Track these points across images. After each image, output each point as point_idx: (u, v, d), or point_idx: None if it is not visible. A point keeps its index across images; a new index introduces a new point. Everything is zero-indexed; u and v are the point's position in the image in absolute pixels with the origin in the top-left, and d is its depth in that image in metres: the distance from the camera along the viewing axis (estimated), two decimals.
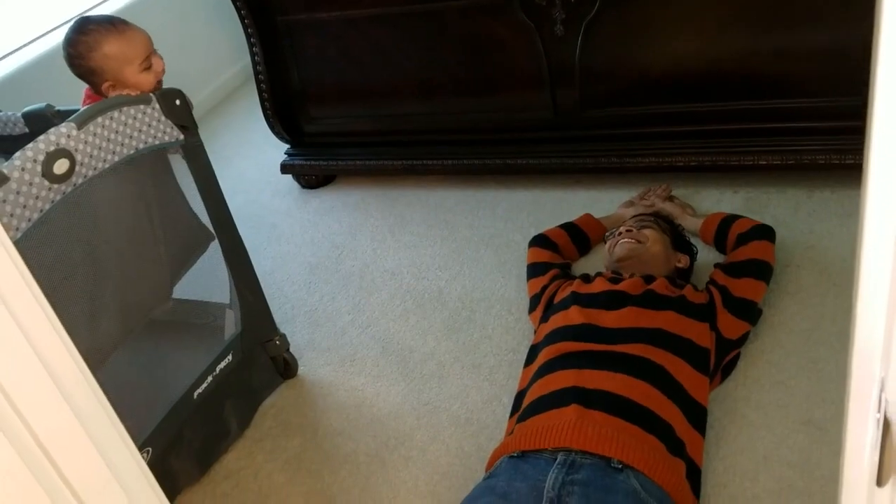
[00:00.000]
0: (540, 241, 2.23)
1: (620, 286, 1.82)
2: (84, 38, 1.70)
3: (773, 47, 2.20)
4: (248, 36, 2.67)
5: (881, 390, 0.52)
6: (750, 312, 1.84)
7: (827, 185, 2.31)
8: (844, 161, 2.19)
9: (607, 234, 2.11)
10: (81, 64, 1.71)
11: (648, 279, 1.84)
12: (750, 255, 1.94)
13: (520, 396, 1.72)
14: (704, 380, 1.66)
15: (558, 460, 1.37)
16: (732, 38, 2.24)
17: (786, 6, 2.14)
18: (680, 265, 1.98)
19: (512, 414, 1.73)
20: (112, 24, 1.72)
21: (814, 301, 1.96)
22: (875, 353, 0.52)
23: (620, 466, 1.35)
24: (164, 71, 1.76)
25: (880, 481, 0.54)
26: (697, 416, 1.59)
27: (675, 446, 1.47)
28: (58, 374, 0.92)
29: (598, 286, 1.85)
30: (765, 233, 2.00)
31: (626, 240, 1.98)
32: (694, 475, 1.51)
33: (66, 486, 0.93)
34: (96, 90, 1.76)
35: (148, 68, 1.73)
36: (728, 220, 2.10)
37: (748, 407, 1.74)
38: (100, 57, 1.69)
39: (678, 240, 2.04)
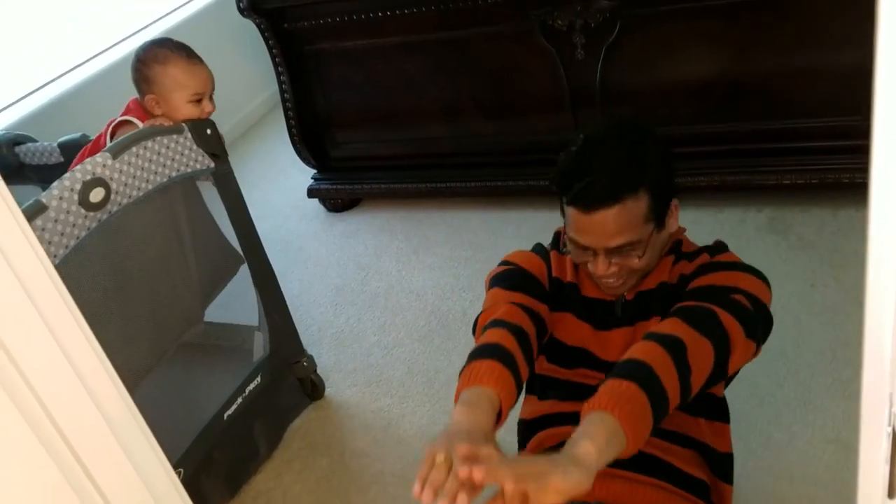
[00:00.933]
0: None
1: (608, 354, 1.33)
2: (157, 49, 1.80)
3: (794, 66, 2.21)
4: (275, 65, 2.74)
5: (891, 405, 0.54)
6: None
7: (852, 203, 2.30)
8: (868, 180, 2.18)
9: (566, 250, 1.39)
10: (141, 69, 1.79)
11: (644, 300, 1.32)
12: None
13: (525, 426, 1.48)
14: (725, 428, 1.42)
15: None
16: (753, 58, 2.26)
17: (806, 25, 2.16)
18: (673, 227, 1.31)
19: (521, 446, 1.48)
20: (186, 51, 1.81)
21: (840, 320, 1.95)
22: (885, 369, 0.54)
23: None
24: (209, 115, 1.81)
25: (891, 493, 0.55)
26: (723, 466, 1.39)
27: (702, 496, 1.34)
28: (97, 395, 0.95)
29: (583, 343, 1.36)
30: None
31: (614, 281, 1.30)
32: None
33: (102, 500, 0.96)
34: (141, 99, 1.82)
35: (196, 102, 1.79)
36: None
37: (775, 427, 1.74)
38: (160, 70, 1.77)
39: (661, 203, 1.25)
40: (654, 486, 1.28)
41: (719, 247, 1.34)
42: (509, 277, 1.38)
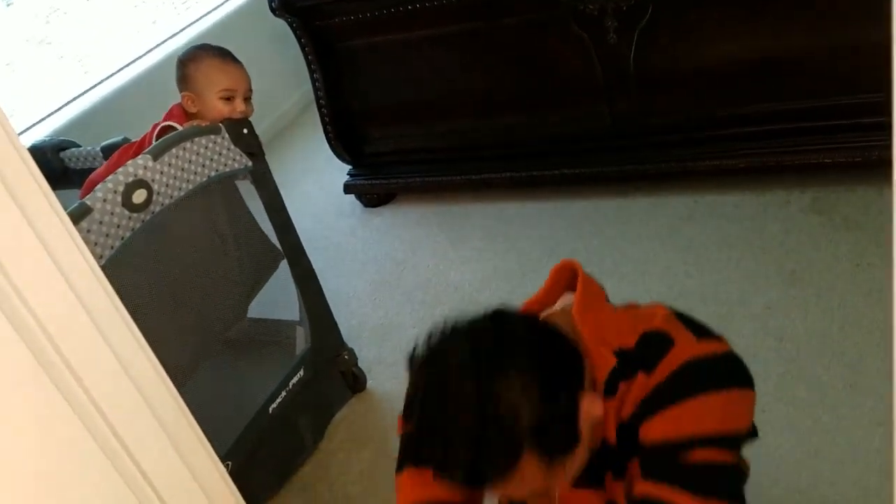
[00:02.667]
0: None
1: None
2: (196, 50, 1.89)
3: (833, 42, 2.16)
4: (308, 62, 2.76)
5: None
6: None
7: None
8: None
9: None
10: (180, 69, 1.87)
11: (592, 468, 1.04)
12: None
13: None
14: None
15: None
16: (790, 35, 2.21)
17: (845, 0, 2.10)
18: (598, 411, 0.96)
19: None
20: (221, 52, 1.88)
21: (888, 300, 1.90)
22: None
23: None
24: (244, 115, 1.84)
25: None
26: None
27: None
28: (147, 392, 0.98)
29: None
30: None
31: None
32: None
33: (154, 492, 0.98)
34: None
35: (227, 100, 1.82)
36: None
37: (822, 410, 1.71)
38: (193, 68, 1.84)
39: (560, 434, 0.93)
40: None
41: (655, 347, 0.97)
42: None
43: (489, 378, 0.88)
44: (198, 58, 1.84)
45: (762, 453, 1.34)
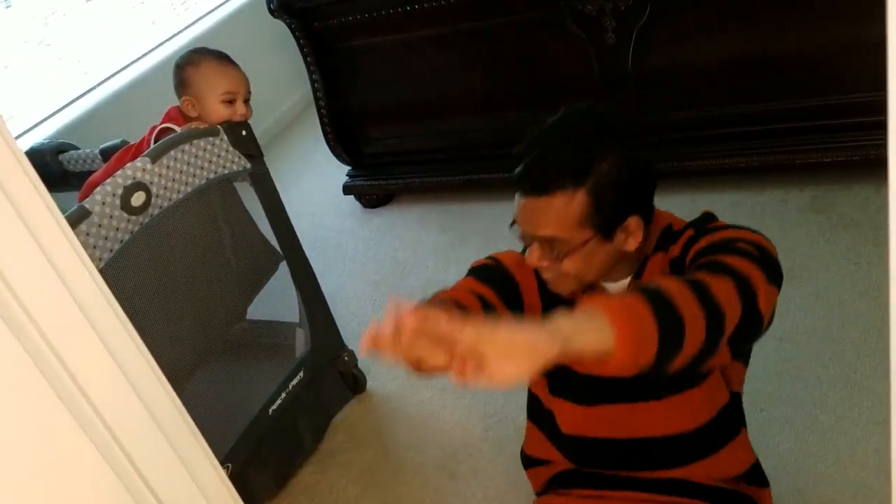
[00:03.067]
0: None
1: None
2: (193, 54, 1.88)
3: (830, 41, 2.16)
4: (307, 64, 2.77)
5: None
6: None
7: None
8: None
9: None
10: (178, 73, 1.86)
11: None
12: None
13: (529, 461, 1.44)
14: (743, 431, 1.33)
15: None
16: (788, 34, 2.21)
17: None
18: (631, 246, 1.16)
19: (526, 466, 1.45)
20: (219, 55, 1.88)
21: (886, 298, 1.90)
22: None
23: None
24: (244, 118, 1.85)
25: None
26: (755, 474, 1.32)
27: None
28: (145, 395, 0.98)
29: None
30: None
31: (549, 277, 1.22)
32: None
33: (153, 496, 0.98)
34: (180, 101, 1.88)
35: (228, 102, 1.82)
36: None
37: (821, 409, 1.71)
38: (193, 71, 1.83)
39: (607, 215, 1.13)
40: None
41: (705, 217, 1.20)
42: (483, 270, 1.30)
43: (604, 135, 1.15)
44: (197, 62, 1.84)
45: (760, 453, 1.34)
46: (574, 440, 1.29)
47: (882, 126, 2.04)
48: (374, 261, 2.72)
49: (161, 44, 3.40)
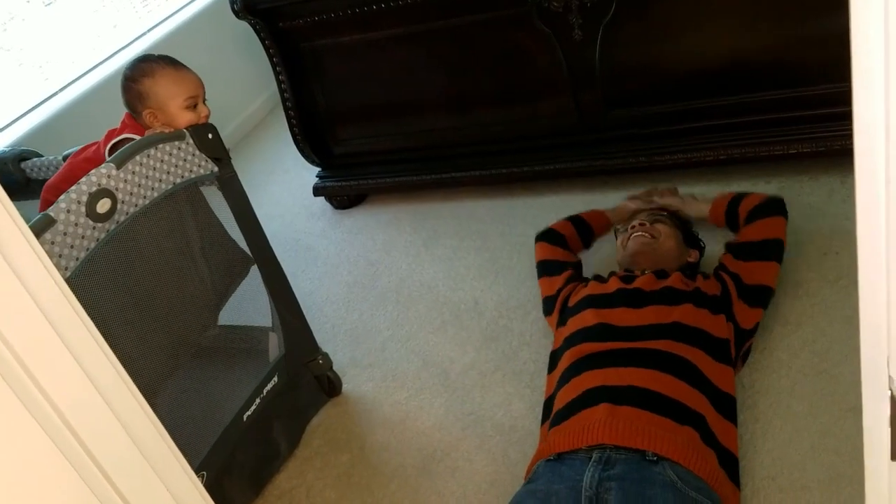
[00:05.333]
0: (548, 235, 2.21)
1: (635, 284, 1.82)
2: (143, 64, 1.82)
3: (795, 34, 2.19)
4: (273, 64, 2.74)
5: (889, 369, 0.54)
6: (764, 298, 1.86)
7: None
8: None
9: (618, 228, 2.15)
10: (132, 87, 1.80)
11: (661, 274, 1.85)
12: (759, 236, 1.95)
13: (548, 403, 1.73)
14: (728, 370, 1.67)
15: (593, 458, 1.39)
16: (753, 28, 2.24)
17: None
18: (691, 259, 1.99)
19: (543, 421, 1.74)
20: (171, 60, 1.83)
21: (854, 287, 1.93)
22: (881, 335, 0.54)
23: (655, 458, 1.36)
24: (207, 118, 1.83)
25: (894, 455, 0.55)
26: (726, 406, 1.60)
27: (708, 436, 1.48)
28: (116, 406, 0.96)
29: (612, 286, 1.85)
30: (774, 208, 2.00)
31: (639, 233, 1.98)
32: (730, 464, 1.51)
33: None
34: (137, 118, 1.83)
35: (191, 108, 1.80)
36: (736, 200, 2.10)
37: (792, 397, 1.73)
38: (150, 83, 1.79)
39: (689, 235, 2.05)
40: (658, 425, 1.46)
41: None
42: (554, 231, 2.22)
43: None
44: (152, 72, 1.79)
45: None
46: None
47: (846, 117, 2.07)
48: (347, 262, 2.70)
49: (124, 47, 3.35)
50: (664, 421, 1.44)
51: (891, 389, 0.55)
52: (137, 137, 1.74)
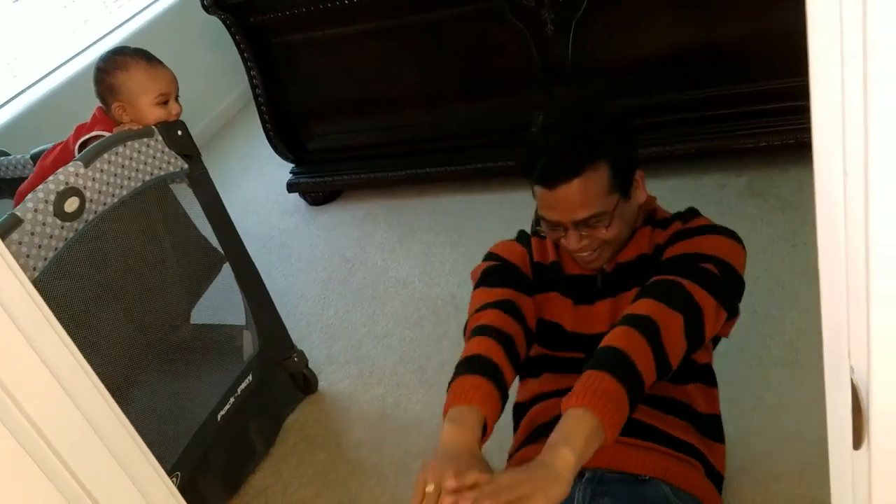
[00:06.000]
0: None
1: (594, 327, 1.37)
2: (116, 57, 1.80)
3: (764, 27, 2.21)
4: (244, 60, 2.72)
5: (850, 359, 0.55)
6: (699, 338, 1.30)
7: None
8: None
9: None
10: (104, 79, 1.78)
11: (623, 272, 1.37)
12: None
13: (520, 408, 1.51)
14: (711, 391, 1.46)
15: (585, 476, 1.29)
16: (723, 22, 2.26)
17: None
18: (641, 198, 1.36)
19: (516, 428, 1.51)
20: (145, 55, 1.81)
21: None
22: (841, 325, 0.55)
23: (647, 478, 1.29)
24: (178, 116, 1.81)
25: (857, 444, 0.57)
26: (711, 427, 1.43)
27: (699, 457, 1.38)
28: (85, 408, 0.95)
29: (568, 320, 1.40)
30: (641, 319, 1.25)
31: (589, 255, 1.36)
32: (716, 479, 1.41)
33: None
34: (107, 110, 1.81)
35: (162, 104, 1.78)
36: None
37: (764, 388, 1.75)
38: (122, 77, 1.76)
39: (623, 175, 1.29)
40: (647, 448, 1.31)
41: (691, 213, 1.39)
42: (492, 274, 1.43)
43: (585, 118, 1.31)
44: (125, 65, 1.77)
45: None
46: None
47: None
48: (322, 259, 2.69)
49: (94, 43, 3.31)
50: (650, 445, 1.33)
51: (852, 380, 0.56)
52: (108, 134, 1.72)
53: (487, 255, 1.49)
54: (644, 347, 1.14)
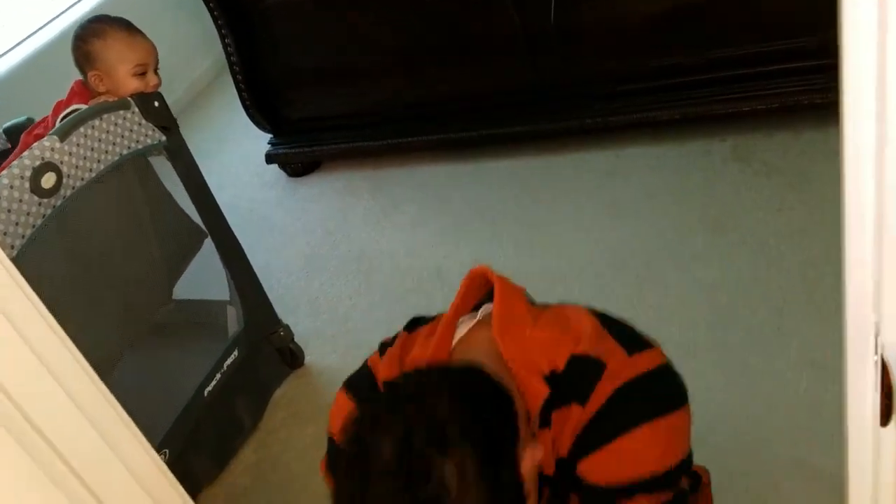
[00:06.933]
0: None
1: None
2: (95, 25, 1.75)
3: None
4: (218, 27, 2.65)
5: (877, 334, 0.54)
6: None
7: (813, 125, 2.31)
8: (828, 99, 2.19)
9: None
10: (82, 46, 1.74)
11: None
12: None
13: None
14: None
15: None
16: None
17: None
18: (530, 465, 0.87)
19: None
20: (125, 23, 1.77)
21: (808, 242, 1.97)
22: (867, 299, 0.53)
23: None
24: (156, 88, 1.76)
25: (884, 422, 0.55)
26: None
27: None
28: (68, 385, 0.93)
29: None
30: None
31: None
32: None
33: (89, 493, 0.94)
34: (85, 79, 1.77)
35: (139, 75, 1.73)
36: None
37: (751, 353, 1.76)
38: (100, 45, 1.72)
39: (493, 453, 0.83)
40: None
41: (589, 368, 0.91)
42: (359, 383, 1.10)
43: (420, 479, 0.76)
44: (103, 33, 1.72)
45: (694, 400, 1.37)
46: None
47: (800, 73, 2.06)
48: (304, 232, 2.65)
49: (63, 12, 3.21)
50: None
51: (882, 356, 0.54)
52: (84, 107, 1.68)
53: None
54: None
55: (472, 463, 0.76)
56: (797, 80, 2.23)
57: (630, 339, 0.93)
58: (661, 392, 0.90)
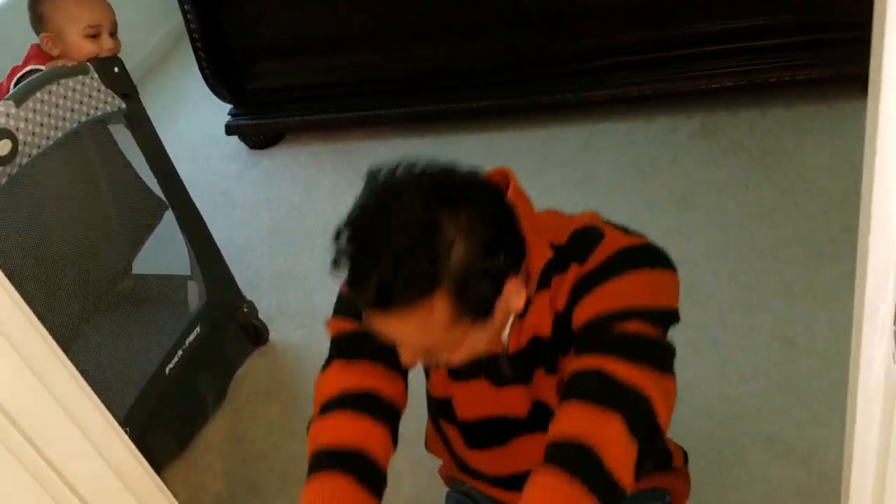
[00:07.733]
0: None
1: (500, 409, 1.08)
2: None
3: None
4: None
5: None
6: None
7: (780, 103, 2.32)
8: (795, 77, 2.21)
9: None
10: (36, 7, 1.66)
11: (522, 361, 1.04)
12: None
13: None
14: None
15: None
16: None
17: None
18: (517, 306, 0.95)
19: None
20: None
21: (776, 219, 1.98)
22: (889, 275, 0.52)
23: None
24: (112, 52, 1.68)
25: None
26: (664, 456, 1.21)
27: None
28: (29, 356, 0.88)
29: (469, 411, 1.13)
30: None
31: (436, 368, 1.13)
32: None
33: (49, 467, 0.90)
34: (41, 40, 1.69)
35: (93, 37, 1.65)
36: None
37: (720, 329, 1.77)
38: (51, 6, 1.64)
39: (479, 300, 0.89)
40: None
41: (588, 237, 0.98)
42: (348, 344, 1.07)
43: (437, 208, 0.86)
44: None
45: None
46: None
47: (766, 50, 2.05)
48: (267, 206, 2.59)
49: None
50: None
51: None
52: (42, 68, 1.59)
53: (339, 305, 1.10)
54: (578, 491, 0.83)
55: (477, 234, 0.86)
56: (765, 58, 2.24)
57: (626, 229, 1.01)
58: (654, 254, 0.98)
